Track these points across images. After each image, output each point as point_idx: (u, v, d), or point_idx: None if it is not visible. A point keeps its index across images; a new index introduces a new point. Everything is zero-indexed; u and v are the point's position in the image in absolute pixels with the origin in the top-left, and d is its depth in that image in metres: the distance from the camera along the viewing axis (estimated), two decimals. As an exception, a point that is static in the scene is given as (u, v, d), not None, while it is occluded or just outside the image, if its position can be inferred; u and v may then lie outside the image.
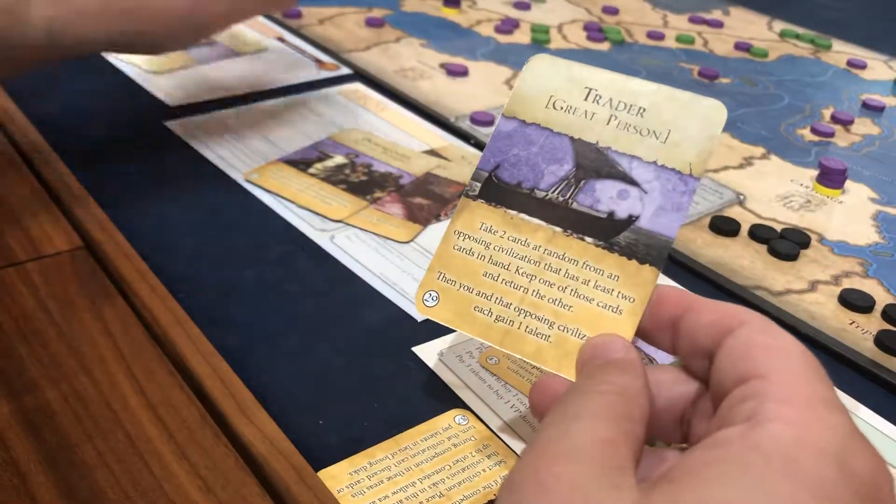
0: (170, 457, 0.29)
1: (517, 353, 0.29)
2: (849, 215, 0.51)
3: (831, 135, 0.62)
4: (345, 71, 0.64)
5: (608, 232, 0.30)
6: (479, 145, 0.54)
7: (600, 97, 0.31)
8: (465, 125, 0.57)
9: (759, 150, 0.58)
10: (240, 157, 0.50)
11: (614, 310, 0.29)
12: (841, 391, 0.36)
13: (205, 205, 0.45)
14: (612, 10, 0.84)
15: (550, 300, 0.29)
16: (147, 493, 0.27)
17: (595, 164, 0.31)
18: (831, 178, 0.53)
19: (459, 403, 0.33)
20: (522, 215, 0.31)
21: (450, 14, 0.79)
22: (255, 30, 0.70)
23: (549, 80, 0.32)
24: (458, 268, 0.30)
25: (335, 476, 0.29)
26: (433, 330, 0.37)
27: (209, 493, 0.28)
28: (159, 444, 0.29)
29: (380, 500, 0.29)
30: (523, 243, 0.30)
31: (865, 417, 0.35)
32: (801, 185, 0.54)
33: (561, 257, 0.30)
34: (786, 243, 0.46)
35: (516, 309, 0.30)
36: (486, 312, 0.30)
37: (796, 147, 0.60)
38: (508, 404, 0.33)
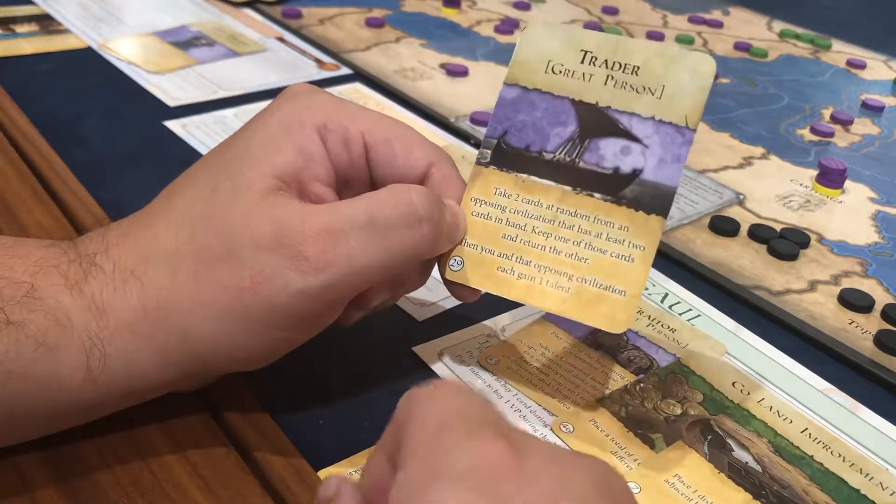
0: (170, 456, 0.29)
1: (541, 306, 0.31)
2: (848, 215, 0.51)
3: (831, 135, 0.62)
4: (345, 71, 0.64)
5: (615, 186, 0.31)
6: (479, 145, 0.54)
7: (596, 59, 0.33)
8: (466, 125, 0.57)
9: (759, 150, 0.58)
10: (240, 157, 0.50)
11: (627, 258, 0.31)
12: (841, 391, 0.36)
13: (205, 205, 0.45)
14: (611, 10, 0.84)
15: (567, 255, 0.31)
16: (147, 492, 0.27)
17: (597, 123, 0.32)
18: (831, 177, 0.53)
19: (459, 403, 0.33)
20: (533, 178, 0.32)
21: (450, 14, 0.79)
22: (255, 30, 0.70)
23: (546, 45, 0.33)
24: (479, 232, 0.32)
25: (335, 476, 0.29)
26: (433, 330, 0.37)
27: (209, 493, 0.28)
28: (160, 444, 0.29)
29: (380, 499, 0.28)
30: (536, 204, 0.32)
31: (865, 417, 0.35)
32: (801, 184, 0.54)
33: (573, 214, 0.32)
34: (785, 243, 0.46)
35: (536, 266, 0.31)
36: (508, 272, 0.32)
37: (796, 147, 0.60)
38: (508, 404, 0.33)
